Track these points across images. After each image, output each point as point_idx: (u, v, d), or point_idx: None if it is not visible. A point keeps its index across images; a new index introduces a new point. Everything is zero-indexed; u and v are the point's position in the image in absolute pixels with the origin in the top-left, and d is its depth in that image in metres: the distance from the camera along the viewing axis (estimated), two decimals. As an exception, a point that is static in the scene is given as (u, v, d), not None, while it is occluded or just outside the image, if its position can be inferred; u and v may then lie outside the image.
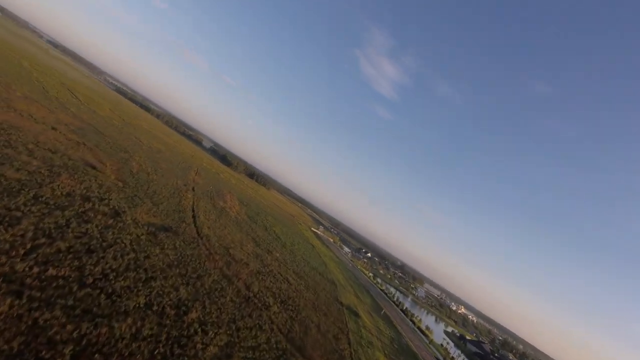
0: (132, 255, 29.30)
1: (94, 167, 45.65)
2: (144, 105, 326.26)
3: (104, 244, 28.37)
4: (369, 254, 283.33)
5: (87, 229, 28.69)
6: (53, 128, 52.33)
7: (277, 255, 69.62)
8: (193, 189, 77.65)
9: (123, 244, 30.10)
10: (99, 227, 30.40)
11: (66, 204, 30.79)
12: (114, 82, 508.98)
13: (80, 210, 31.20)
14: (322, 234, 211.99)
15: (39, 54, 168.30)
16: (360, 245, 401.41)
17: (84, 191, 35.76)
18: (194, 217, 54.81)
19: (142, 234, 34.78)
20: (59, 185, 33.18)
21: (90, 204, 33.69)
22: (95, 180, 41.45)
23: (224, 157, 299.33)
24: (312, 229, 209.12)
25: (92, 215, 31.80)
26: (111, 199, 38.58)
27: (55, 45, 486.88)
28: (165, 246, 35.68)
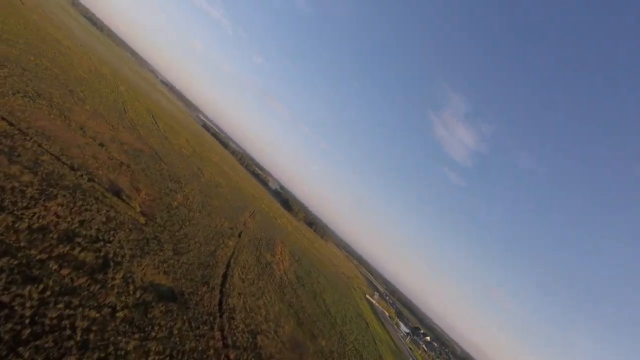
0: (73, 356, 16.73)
1: (117, 194, 36.75)
2: (223, 141, 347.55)
3: (38, 328, 16.43)
4: (428, 337, 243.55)
5: (24, 295, 17.28)
6: (101, 145, 46.43)
7: (323, 343, 52.74)
8: (239, 235, 66.90)
9: (70, 331, 17.83)
10: (51, 293, 18.90)
11: (24, 244, 20.29)
12: (204, 119, 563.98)
13: (40, 256, 20.38)
14: (377, 304, 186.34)
15: (142, 84, 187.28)
16: (417, 322, 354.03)
17: (73, 226, 25.60)
18: (225, 276, 42.38)
19: (124, 307, 22.58)
20: (37, 214, 23.38)
21: (67, 248, 22.99)
22: (107, 211, 31.83)
23: (286, 201, 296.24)
24: (367, 296, 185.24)
25: (55, 267, 20.70)
26: (111, 242, 27.98)
27: (166, 84, 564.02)
28: (154, 333, 22.84)
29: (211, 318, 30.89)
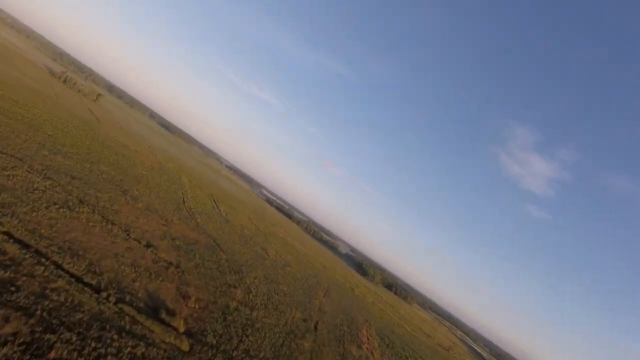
0: None
1: (155, 313, 28.29)
2: (288, 213, 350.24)
3: None
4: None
5: None
6: (147, 246, 40.40)
7: None
8: (315, 327, 54.41)
9: None
10: None
11: None
12: (267, 193, 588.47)
13: None
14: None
15: (207, 172, 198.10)
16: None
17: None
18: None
19: None
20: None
21: None
22: (133, 347, 22.90)
23: (360, 265, 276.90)
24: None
25: None
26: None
27: (231, 167, 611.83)
28: None
29: None
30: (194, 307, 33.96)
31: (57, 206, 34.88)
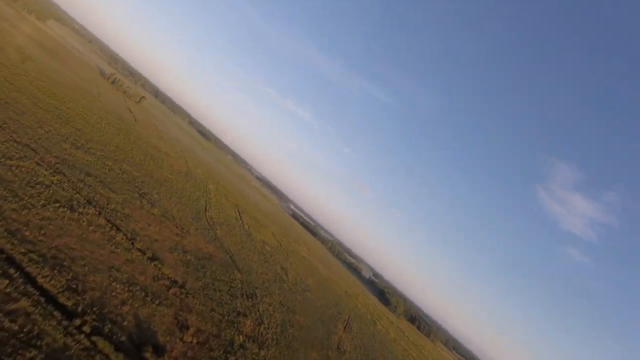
0: None
1: (139, 348, 22.69)
2: (313, 230, 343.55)
3: None
4: None
5: None
6: (152, 259, 35.60)
7: None
8: (333, 373, 46.86)
9: None
10: None
11: None
12: (294, 208, 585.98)
13: None
14: None
15: (236, 181, 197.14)
16: None
17: None
18: None
19: None
20: None
21: None
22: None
23: (382, 293, 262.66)
24: None
25: None
26: None
27: (261, 179, 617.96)
28: None
29: None
30: (191, 342, 28.16)
31: (57, 205, 30.97)
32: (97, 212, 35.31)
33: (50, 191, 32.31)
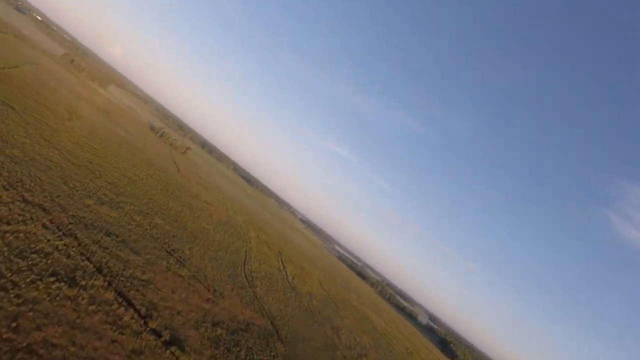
0: None
1: None
2: (361, 272, 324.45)
3: None
4: None
5: None
6: (169, 343, 27.77)
7: None
8: None
9: None
10: None
11: None
12: (339, 249, 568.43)
13: None
14: None
15: (278, 225, 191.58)
16: None
17: None
18: None
19: None
20: None
21: None
22: None
23: (445, 343, 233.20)
24: None
25: None
26: None
27: (304, 221, 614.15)
28: None
29: None
30: None
31: (51, 279, 24.71)
32: (105, 284, 28.73)
33: (49, 261, 26.37)
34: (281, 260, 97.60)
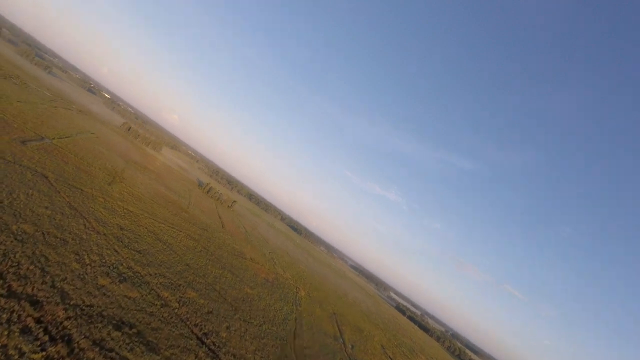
0: None
1: None
2: (423, 324, 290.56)
3: None
4: None
5: None
6: None
7: None
8: None
9: None
10: None
11: None
12: (395, 296, 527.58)
13: None
14: None
15: (330, 276, 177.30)
16: None
17: None
18: None
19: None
20: None
21: None
22: None
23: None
24: None
25: None
26: None
27: (356, 268, 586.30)
28: None
29: None
30: None
31: None
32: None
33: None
34: (337, 323, 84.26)
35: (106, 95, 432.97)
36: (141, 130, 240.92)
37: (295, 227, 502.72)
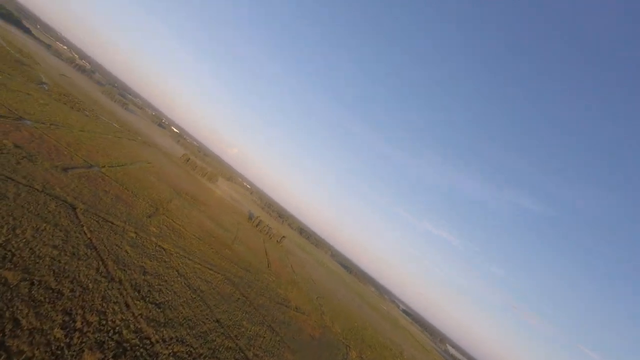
0: None
1: None
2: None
3: None
4: None
5: None
6: None
7: None
8: None
9: None
10: None
11: None
12: (452, 349, 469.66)
13: None
14: None
15: (383, 326, 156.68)
16: None
17: None
18: None
19: None
20: None
21: None
22: None
23: None
24: None
25: None
26: None
27: (408, 312, 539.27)
28: None
29: None
30: None
31: None
32: None
33: None
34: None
35: (175, 129, 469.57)
36: (199, 162, 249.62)
37: (346, 265, 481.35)
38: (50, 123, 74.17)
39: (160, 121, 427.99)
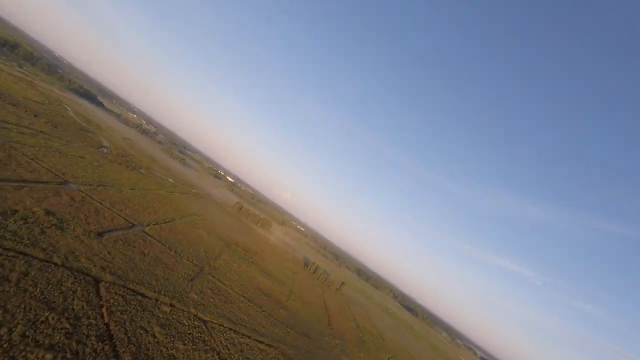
0: None
1: None
2: None
3: None
4: None
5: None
6: None
7: None
8: None
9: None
10: None
11: None
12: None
13: None
14: None
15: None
16: None
17: None
18: None
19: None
20: None
21: None
22: None
23: None
24: None
25: None
26: None
27: (469, 347, 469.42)
28: None
29: None
30: None
31: None
32: None
33: None
34: None
35: (229, 179, 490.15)
36: (252, 209, 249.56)
37: (410, 307, 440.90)
38: (98, 184, 72.76)
39: (217, 172, 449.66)
